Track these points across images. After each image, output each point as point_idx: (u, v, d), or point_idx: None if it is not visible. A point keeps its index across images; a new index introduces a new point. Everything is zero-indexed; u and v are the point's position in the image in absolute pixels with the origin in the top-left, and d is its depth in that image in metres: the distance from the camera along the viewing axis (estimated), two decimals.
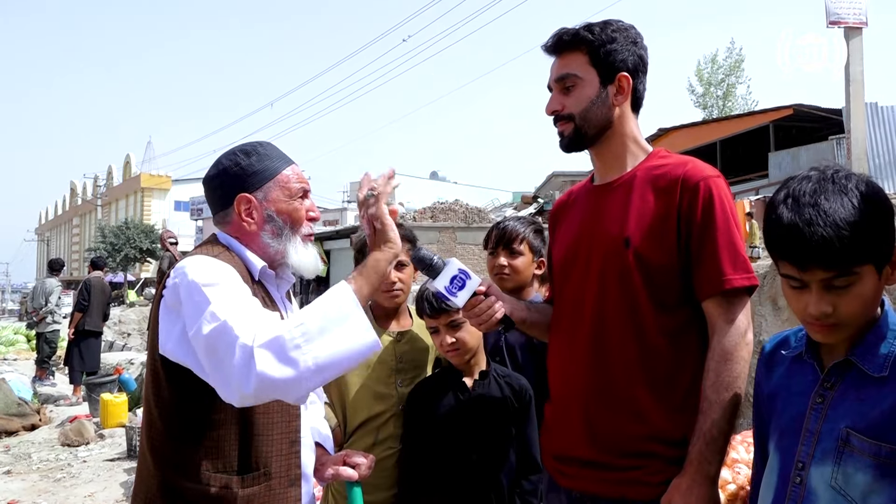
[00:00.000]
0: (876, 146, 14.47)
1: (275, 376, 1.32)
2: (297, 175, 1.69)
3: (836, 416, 1.26)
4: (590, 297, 1.69)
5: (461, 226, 17.68)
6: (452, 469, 2.09)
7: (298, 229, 1.67)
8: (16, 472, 6.06)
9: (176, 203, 52.08)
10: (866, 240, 1.16)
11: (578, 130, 1.71)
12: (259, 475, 1.53)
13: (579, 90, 1.69)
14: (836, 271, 1.18)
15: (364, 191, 1.62)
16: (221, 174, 1.66)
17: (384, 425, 2.25)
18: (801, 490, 1.29)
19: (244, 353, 1.32)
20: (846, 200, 1.17)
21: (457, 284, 1.70)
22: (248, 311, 1.41)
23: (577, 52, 1.69)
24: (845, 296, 1.20)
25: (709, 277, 1.57)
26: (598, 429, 1.65)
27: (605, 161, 1.76)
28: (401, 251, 2.29)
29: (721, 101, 31.02)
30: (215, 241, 1.65)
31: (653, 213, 1.62)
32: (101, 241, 39.11)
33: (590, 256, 1.70)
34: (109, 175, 61.30)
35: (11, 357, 13.44)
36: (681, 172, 1.63)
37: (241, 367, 1.32)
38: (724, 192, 1.61)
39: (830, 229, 1.15)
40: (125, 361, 11.09)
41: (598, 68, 1.68)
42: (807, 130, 17.00)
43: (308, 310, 1.43)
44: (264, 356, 1.32)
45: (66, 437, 7.08)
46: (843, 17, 9.80)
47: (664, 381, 1.61)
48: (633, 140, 1.74)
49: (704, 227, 1.58)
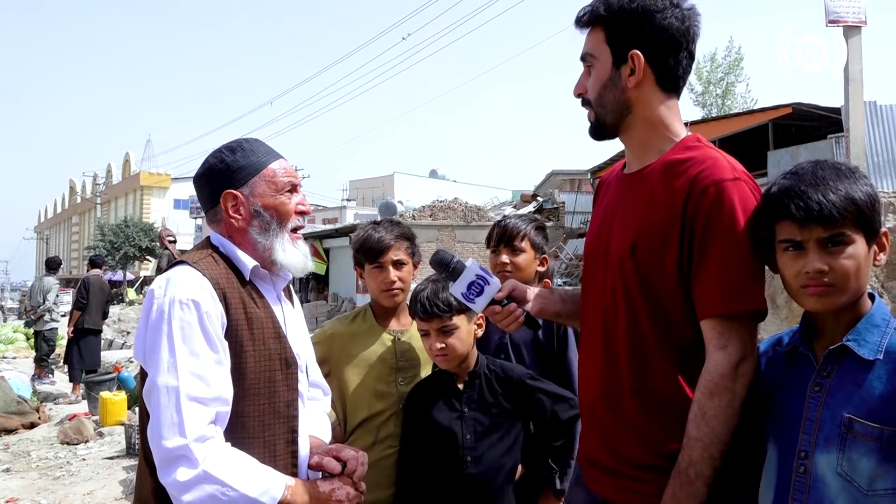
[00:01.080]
0: (875, 145, 14.47)
1: (180, 495, 1.39)
2: (285, 169, 1.67)
3: (835, 403, 1.30)
4: (603, 303, 1.60)
5: (460, 224, 17.68)
6: (446, 471, 2.09)
7: (286, 223, 1.65)
8: (15, 470, 6.06)
9: (175, 201, 52.05)
10: (860, 208, 1.29)
11: (598, 117, 1.58)
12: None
13: (596, 72, 1.56)
14: (834, 230, 1.29)
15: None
16: (207, 172, 1.66)
17: (384, 424, 2.25)
18: (806, 479, 1.31)
19: (181, 450, 1.39)
20: (842, 175, 1.32)
21: (474, 290, 1.64)
22: (199, 404, 1.43)
23: (597, 29, 1.55)
24: (839, 256, 1.30)
25: (701, 298, 1.43)
26: (609, 439, 1.58)
27: (631, 149, 1.62)
28: (400, 251, 2.31)
29: (720, 100, 30.98)
30: (206, 245, 1.67)
31: (660, 220, 1.47)
32: (101, 239, 39.13)
33: (607, 258, 1.59)
34: (109, 173, 61.28)
35: (11, 355, 13.43)
36: (695, 172, 1.44)
37: (170, 454, 1.39)
38: (736, 200, 1.40)
39: (831, 192, 1.29)
40: (124, 360, 11.10)
41: (611, 46, 1.52)
42: (806, 129, 16.98)
43: (245, 474, 1.43)
44: (187, 476, 1.38)
45: (66, 435, 7.08)
46: (843, 17, 9.80)
47: (665, 405, 1.48)
48: (659, 125, 1.55)
49: (704, 240, 1.41)
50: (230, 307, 1.54)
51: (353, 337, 2.33)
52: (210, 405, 1.44)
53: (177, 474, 1.38)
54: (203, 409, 1.43)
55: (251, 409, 1.54)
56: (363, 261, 2.34)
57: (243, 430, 1.52)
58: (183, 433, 1.39)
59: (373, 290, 2.34)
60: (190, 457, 1.38)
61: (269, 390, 1.56)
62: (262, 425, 1.55)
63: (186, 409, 1.40)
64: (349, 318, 2.43)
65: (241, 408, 1.52)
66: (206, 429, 1.42)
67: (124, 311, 23.28)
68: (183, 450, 1.38)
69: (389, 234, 2.31)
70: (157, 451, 1.41)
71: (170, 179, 53.02)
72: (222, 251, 1.64)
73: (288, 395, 1.60)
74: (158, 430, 1.41)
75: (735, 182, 1.41)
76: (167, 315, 1.46)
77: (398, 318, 2.38)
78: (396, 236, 2.32)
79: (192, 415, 1.40)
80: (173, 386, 1.42)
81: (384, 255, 2.28)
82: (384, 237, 2.29)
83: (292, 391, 1.62)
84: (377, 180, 47.78)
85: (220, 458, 1.42)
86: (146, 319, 1.50)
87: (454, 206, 18.14)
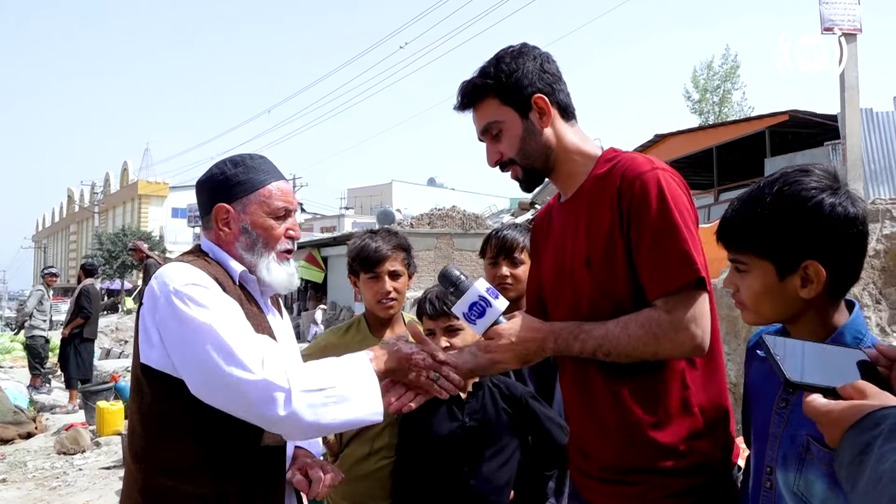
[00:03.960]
0: (871, 152, 14.50)
1: (307, 420, 1.42)
2: (282, 192, 1.67)
3: (797, 422, 1.26)
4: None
5: (458, 232, 17.68)
6: (443, 481, 2.07)
7: (273, 246, 1.65)
8: (11, 481, 6.03)
9: (173, 210, 52.10)
10: (757, 233, 1.26)
11: (527, 170, 1.67)
12: (237, 478, 1.52)
13: (506, 134, 1.65)
14: (731, 251, 1.32)
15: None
16: (207, 181, 1.68)
17: (379, 435, 2.24)
18: (771, 495, 1.30)
19: (280, 392, 1.40)
20: (760, 197, 1.28)
21: (476, 311, 1.61)
22: (261, 342, 1.48)
23: (487, 100, 1.65)
24: (742, 281, 1.32)
25: (645, 285, 1.49)
26: (591, 449, 1.64)
27: (561, 181, 1.71)
28: (396, 261, 2.29)
29: (717, 108, 31.10)
30: (197, 249, 1.68)
31: (602, 225, 1.54)
32: (98, 248, 39.11)
33: (570, 280, 1.63)
34: (107, 182, 61.32)
35: (8, 365, 13.40)
36: (620, 173, 1.54)
37: (267, 398, 1.39)
38: (656, 185, 1.47)
39: (732, 212, 1.32)
40: (122, 369, 11.05)
41: (511, 104, 1.62)
42: (803, 136, 17.02)
43: (333, 371, 1.51)
44: (302, 402, 1.41)
45: (62, 445, 7.05)
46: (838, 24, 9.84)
47: (639, 404, 1.53)
48: (577, 151, 1.66)
49: (638, 230, 1.48)
50: (229, 296, 1.54)
51: (348, 348, 2.28)
52: (256, 336, 1.48)
53: (278, 410, 1.39)
54: (254, 339, 1.46)
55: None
56: (359, 270, 2.32)
57: (228, 431, 1.50)
58: (249, 368, 1.38)
59: (367, 299, 2.32)
60: (277, 387, 1.39)
61: None
62: (247, 427, 1.52)
63: (240, 348, 1.40)
64: (343, 329, 2.41)
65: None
66: (267, 352, 1.43)
67: (122, 320, 23.23)
68: (265, 385, 1.38)
69: (386, 245, 2.29)
70: (241, 400, 1.40)
71: (168, 188, 53.09)
72: (212, 256, 1.65)
73: None
74: (231, 383, 1.38)
75: (653, 171, 1.50)
76: (177, 297, 1.45)
77: (393, 328, 2.35)
78: (393, 247, 2.30)
79: (246, 348, 1.41)
80: (215, 337, 1.40)
81: (380, 265, 2.26)
82: (381, 247, 2.28)
83: None
84: (375, 188, 47.85)
85: (301, 372, 1.44)
86: (152, 314, 1.48)
87: (452, 214, 18.14)
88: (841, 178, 1.26)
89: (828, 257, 1.22)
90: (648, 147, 20.33)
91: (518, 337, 1.57)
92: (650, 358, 1.48)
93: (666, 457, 1.51)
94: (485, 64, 1.66)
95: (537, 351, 1.59)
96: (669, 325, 1.44)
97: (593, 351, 1.51)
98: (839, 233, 1.21)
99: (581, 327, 1.53)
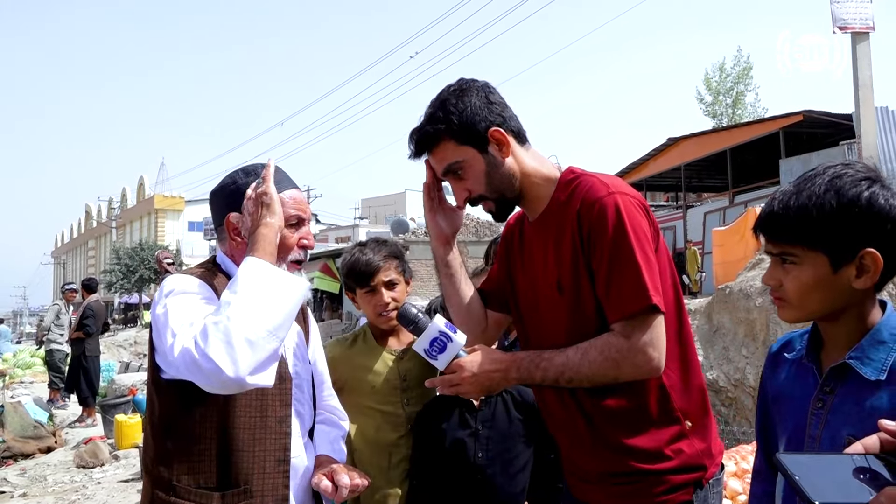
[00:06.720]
0: (887, 150, 14.34)
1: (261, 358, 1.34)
2: (295, 201, 1.65)
3: (837, 422, 1.24)
4: (551, 342, 1.63)
5: (472, 240, 17.71)
6: (458, 491, 2.06)
7: (284, 255, 1.61)
8: (31, 495, 6.08)
9: (189, 223, 52.55)
10: (811, 225, 1.22)
11: (498, 201, 1.67)
12: (240, 492, 1.50)
13: (469, 171, 1.65)
14: (778, 244, 1.27)
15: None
16: (220, 192, 1.68)
17: (396, 447, 2.21)
18: None
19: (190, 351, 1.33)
20: (809, 187, 1.24)
21: (437, 347, 1.61)
22: (195, 310, 1.43)
23: (442, 143, 1.64)
24: (788, 275, 1.27)
25: (605, 308, 1.52)
26: (578, 462, 1.69)
27: (528, 205, 1.72)
28: (390, 270, 2.25)
29: (730, 110, 30.92)
30: (210, 261, 1.70)
31: (567, 249, 1.58)
32: (116, 262, 39.47)
33: (548, 302, 1.65)
34: (123, 197, 61.99)
35: (28, 380, 13.53)
36: (579, 198, 1.57)
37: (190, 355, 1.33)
38: (613, 210, 1.50)
39: (779, 204, 1.26)
40: (140, 382, 11.11)
41: (469, 143, 1.62)
42: (818, 136, 16.87)
43: (238, 292, 1.39)
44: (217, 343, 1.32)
45: (81, 458, 7.10)
46: (850, 23, 9.76)
47: (617, 415, 1.57)
48: (538, 175, 1.67)
49: (598, 255, 1.52)
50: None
51: (355, 359, 2.28)
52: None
53: (208, 349, 1.31)
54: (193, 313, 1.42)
55: (242, 420, 1.52)
56: (354, 286, 2.27)
57: (233, 442, 1.50)
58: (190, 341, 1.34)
59: (368, 313, 2.28)
60: (198, 335, 1.33)
61: (260, 403, 1.54)
62: (252, 439, 1.53)
63: (178, 326, 1.39)
64: (349, 340, 2.38)
65: (231, 419, 1.51)
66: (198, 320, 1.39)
67: (140, 333, 23.41)
68: (191, 347, 1.33)
69: (377, 255, 2.24)
70: (191, 367, 1.33)
71: (184, 202, 53.54)
72: (223, 268, 1.65)
73: (281, 412, 1.58)
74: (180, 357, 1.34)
75: (610, 196, 1.52)
76: (166, 295, 1.48)
77: (398, 336, 2.31)
78: (385, 256, 2.24)
79: (182, 325, 1.39)
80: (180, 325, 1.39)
81: (374, 277, 2.21)
82: (372, 259, 2.22)
83: (285, 407, 1.59)
84: (389, 198, 47.98)
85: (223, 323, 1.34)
86: (154, 322, 1.51)
87: (466, 222, 18.18)
88: (881, 172, 1.26)
89: (882, 246, 1.21)
90: (662, 151, 20.24)
91: (481, 369, 1.57)
92: (612, 382, 1.52)
93: (655, 460, 1.55)
94: (429, 109, 1.66)
95: (501, 381, 1.60)
96: (628, 350, 1.48)
97: (555, 378, 1.54)
98: (893, 221, 1.20)
99: (541, 356, 1.56)
